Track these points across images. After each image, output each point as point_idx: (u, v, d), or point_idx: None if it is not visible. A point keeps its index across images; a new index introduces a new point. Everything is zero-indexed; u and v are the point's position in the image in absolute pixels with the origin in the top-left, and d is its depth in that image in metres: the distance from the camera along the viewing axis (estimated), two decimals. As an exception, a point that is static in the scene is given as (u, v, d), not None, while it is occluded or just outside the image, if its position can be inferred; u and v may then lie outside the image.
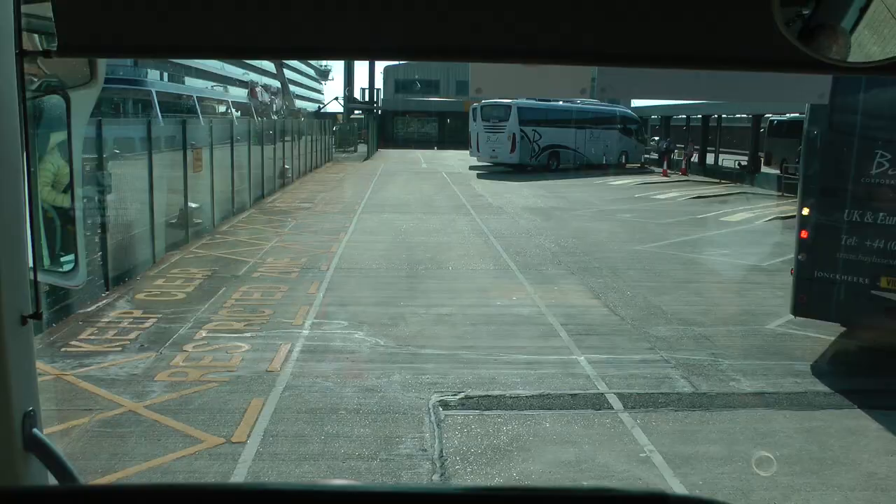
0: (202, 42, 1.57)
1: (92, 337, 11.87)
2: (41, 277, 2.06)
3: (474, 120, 52.52)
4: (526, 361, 11.05)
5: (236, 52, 1.66)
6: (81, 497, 1.13)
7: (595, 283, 16.26)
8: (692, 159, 51.25)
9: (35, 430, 1.87)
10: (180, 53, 1.73)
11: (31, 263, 1.91)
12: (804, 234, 11.75)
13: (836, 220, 11.34)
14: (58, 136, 2.31)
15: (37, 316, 1.89)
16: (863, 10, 1.46)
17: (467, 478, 7.65)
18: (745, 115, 51.75)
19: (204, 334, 12.07)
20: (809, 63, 1.45)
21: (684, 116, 58.66)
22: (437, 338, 12.12)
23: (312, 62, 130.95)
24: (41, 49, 1.74)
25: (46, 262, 2.48)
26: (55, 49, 1.57)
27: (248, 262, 17.91)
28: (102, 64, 2.21)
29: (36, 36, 1.82)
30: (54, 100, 2.19)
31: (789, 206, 24.48)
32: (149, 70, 65.31)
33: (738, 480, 7.70)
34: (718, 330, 12.86)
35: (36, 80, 2.14)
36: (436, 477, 7.64)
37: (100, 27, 1.54)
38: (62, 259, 2.56)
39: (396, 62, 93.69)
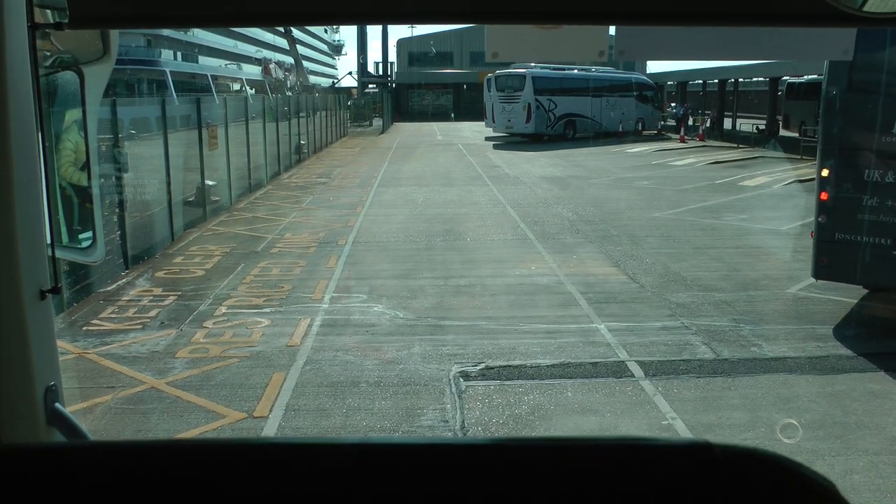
0: (213, 11, 1.55)
1: (113, 315, 11.96)
2: (60, 254, 2.06)
3: (489, 90, 52.20)
4: (546, 331, 11.05)
5: (249, 20, 1.64)
6: (99, 453, 1.12)
7: (614, 251, 16.21)
8: (710, 125, 50.85)
9: (57, 405, 1.88)
10: (191, 23, 1.72)
11: (48, 238, 1.91)
12: (824, 196, 11.60)
13: (857, 181, 11.19)
14: (74, 113, 2.31)
15: (55, 290, 1.89)
16: None
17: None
18: (762, 79, 51.30)
19: (224, 310, 12.13)
20: (835, 16, 1.41)
21: (700, 82, 58.18)
22: (456, 309, 12.13)
23: (325, 37, 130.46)
24: (53, 22, 1.73)
25: (65, 238, 2.48)
26: (67, 21, 1.55)
27: (266, 238, 17.96)
28: (115, 39, 2.20)
29: (48, 11, 1.81)
30: (68, 76, 2.17)
31: (808, 170, 24.26)
32: (162, 50, 65.27)
33: (761, 446, 7.67)
34: (739, 295, 12.80)
35: (49, 55, 2.13)
36: (458, 447, 7.66)
37: None
38: (80, 236, 2.57)
39: (409, 34, 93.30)
